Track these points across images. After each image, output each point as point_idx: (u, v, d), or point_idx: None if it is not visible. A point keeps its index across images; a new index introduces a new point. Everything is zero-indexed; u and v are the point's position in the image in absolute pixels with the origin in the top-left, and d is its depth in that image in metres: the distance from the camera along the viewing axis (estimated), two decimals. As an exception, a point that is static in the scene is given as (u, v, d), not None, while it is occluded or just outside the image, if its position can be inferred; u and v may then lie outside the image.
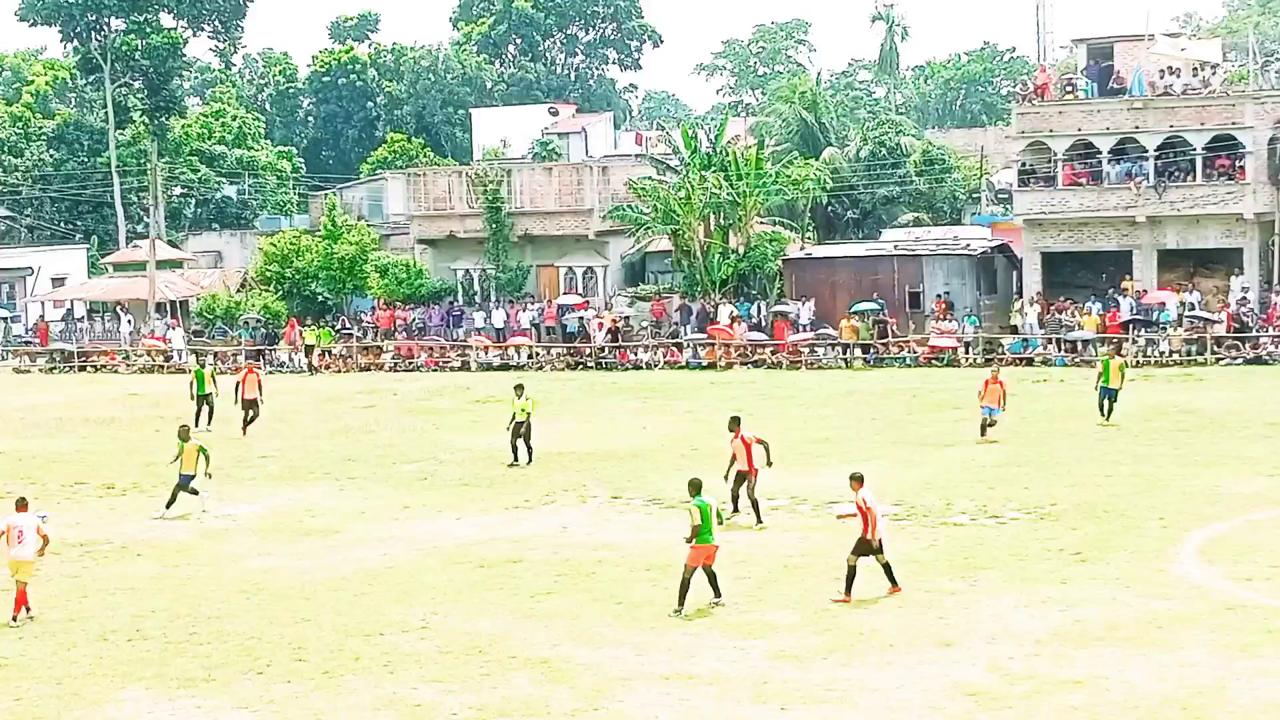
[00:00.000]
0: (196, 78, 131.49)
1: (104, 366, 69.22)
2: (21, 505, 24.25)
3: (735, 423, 30.28)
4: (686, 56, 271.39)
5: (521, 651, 21.11)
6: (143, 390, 58.59)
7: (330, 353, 66.95)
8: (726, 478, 29.69)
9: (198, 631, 22.68)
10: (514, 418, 37.74)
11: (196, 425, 45.82)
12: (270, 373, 65.32)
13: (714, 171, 66.85)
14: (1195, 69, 63.44)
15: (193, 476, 32.50)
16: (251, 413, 44.96)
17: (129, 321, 74.27)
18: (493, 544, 28.20)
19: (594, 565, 26.17)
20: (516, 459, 37.42)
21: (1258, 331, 56.05)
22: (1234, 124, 59.66)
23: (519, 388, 38.51)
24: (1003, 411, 38.87)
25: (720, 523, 24.09)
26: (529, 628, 22.28)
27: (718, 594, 23.26)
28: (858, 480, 23.64)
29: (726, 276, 66.31)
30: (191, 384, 47.23)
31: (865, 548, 23.24)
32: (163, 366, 68.17)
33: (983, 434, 38.59)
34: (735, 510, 29.33)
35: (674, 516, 30.31)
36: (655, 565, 25.86)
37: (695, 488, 23.72)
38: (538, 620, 22.70)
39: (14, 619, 23.42)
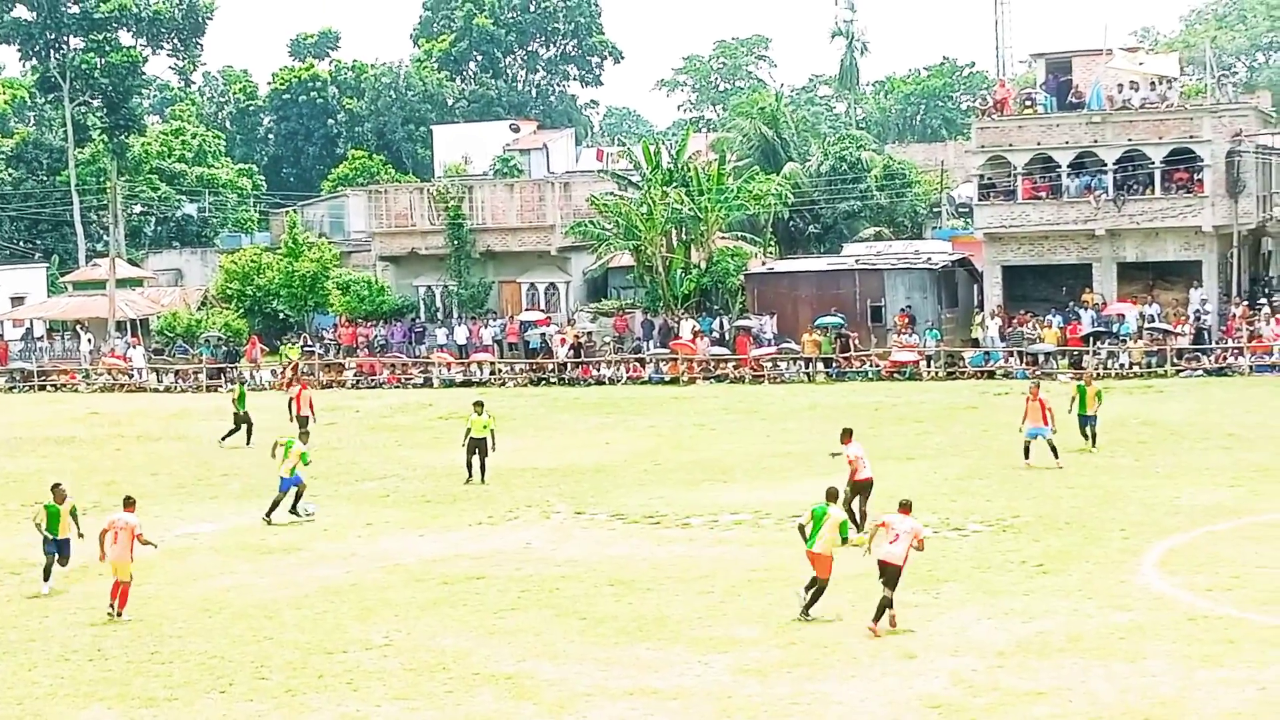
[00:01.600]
0: (156, 96, 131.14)
1: (64, 385, 68.84)
2: (129, 505, 25.30)
3: (848, 434, 30.10)
4: (647, 72, 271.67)
5: (485, 668, 21.07)
6: (103, 409, 58.30)
7: (282, 371, 66.73)
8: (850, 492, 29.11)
9: (159, 651, 22.57)
10: (469, 433, 37.65)
11: (224, 440, 45.84)
12: (230, 391, 65.19)
13: (675, 187, 66.89)
14: (1153, 83, 63.78)
15: (292, 480, 33.37)
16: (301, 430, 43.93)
17: (89, 340, 73.90)
18: (456, 560, 28.15)
19: (557, 581, 26.14)
20: (471, 476, 37.34)
21: (1217, 343, 56.32)
22: (1192, 137, 60.01)
23: (478, 404, 38.42)
24: (1053, 431, 36.14)
25: (844, 538, 23.62)
26: (492, 644, 22.24)
27: (805, 610, 23.01)
28: (905, 507, 23.15)
29: (688, 291, 66.35)
30: (235, 400, 47.26)
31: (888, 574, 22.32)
32: (123, 385, 67.82)
33: (1026, 457, 36.08)
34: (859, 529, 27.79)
35: (638, 532, 30.36)
36: (619, 581, 25.86)
37: (829, 496, 24.05)
38: (501, 637, 22.66)
39: (114, 611, 24.52)
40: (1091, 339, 57.89)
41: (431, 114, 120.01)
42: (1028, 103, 64.52)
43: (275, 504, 33.19)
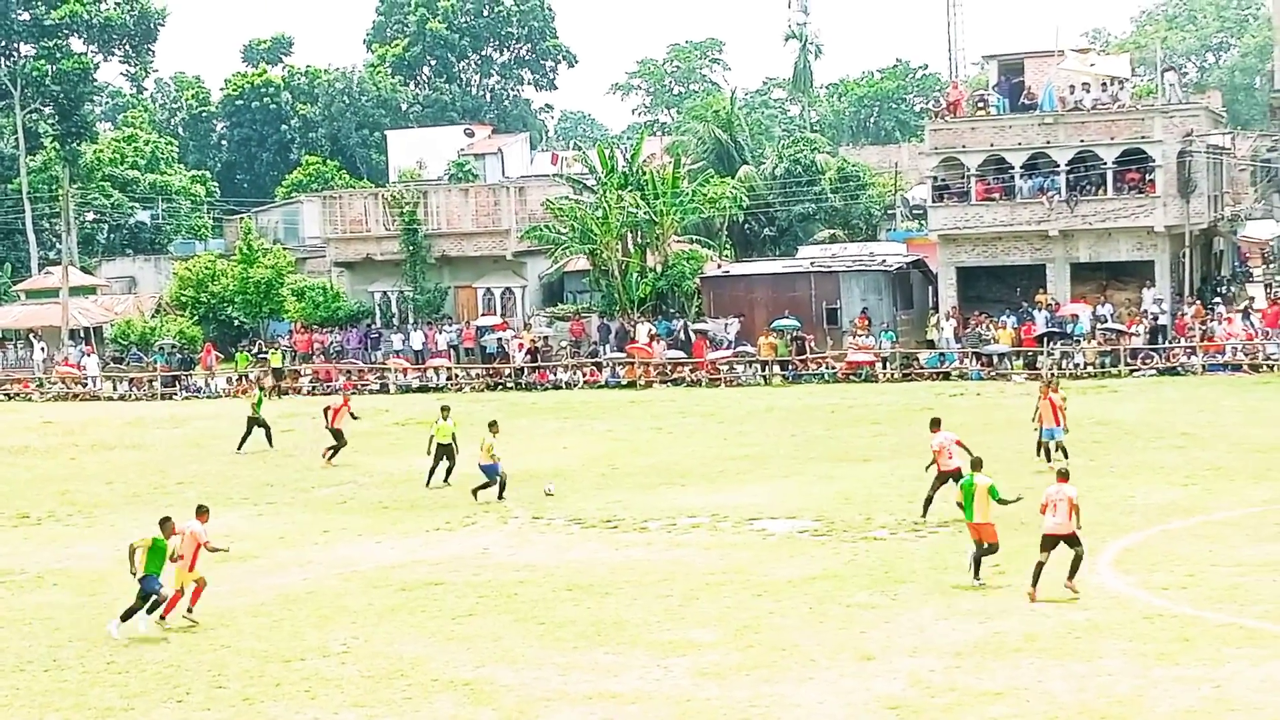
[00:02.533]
0: (108, 103, 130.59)
1: (17, 394, 68.44)
2: (201, 514, 25.10)
3: (936, 424, 30.94)
4: (602, 76, 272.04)
5: (444, 674, 21.04)
6: (57, 418, 58.00)
7: (247, 377, 66.50)
8: (928, 474, 30.43)
9: (115, 660, 22.46)
10: (433, 439, 37.65)
11: (239, 448, 45.54)
12: (186, 398, 65.00)
13: (630, 191, 66.89)
14: (1105, 84, 64.10)
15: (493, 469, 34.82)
16: (340, 441, 43.16)
17: (42, 349, 73.49)
18: (413, 566, 28.11)
19: (516, 586, 26.11)
20: (431, 481, 37.33)
21: (1170, 343, 56.65)
22: (1143, 138, 60.35)
23: (444, 409, 38.46)
24: (1065, 431, 35.84)
25: (1000, 500, 24.99)
26: (451, 650, 22.21)
27: (976, 575, 24.57)
28: (1063, 475, 24.44)
29: (644, 295, 66.36)
30: (253, 405, 46.91)
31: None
32: (77, 394, 67.46)
33: (1038, 454, 35.75)
34: (924, 516, 29.89)
35: (596, 537, 30.36)
36: (577, 585, 25.85)
37: (974, 466, 25.27)
38: (460, 642, 22.63)
39: (189, 610, 24.43)
40: (1045, 339, 58.16)
41: (385, 119, 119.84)
42: (980, 104, 64.79)
43: (487, 487, 35.02)
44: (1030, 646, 20.99)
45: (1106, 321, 58.59)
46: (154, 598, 23.70)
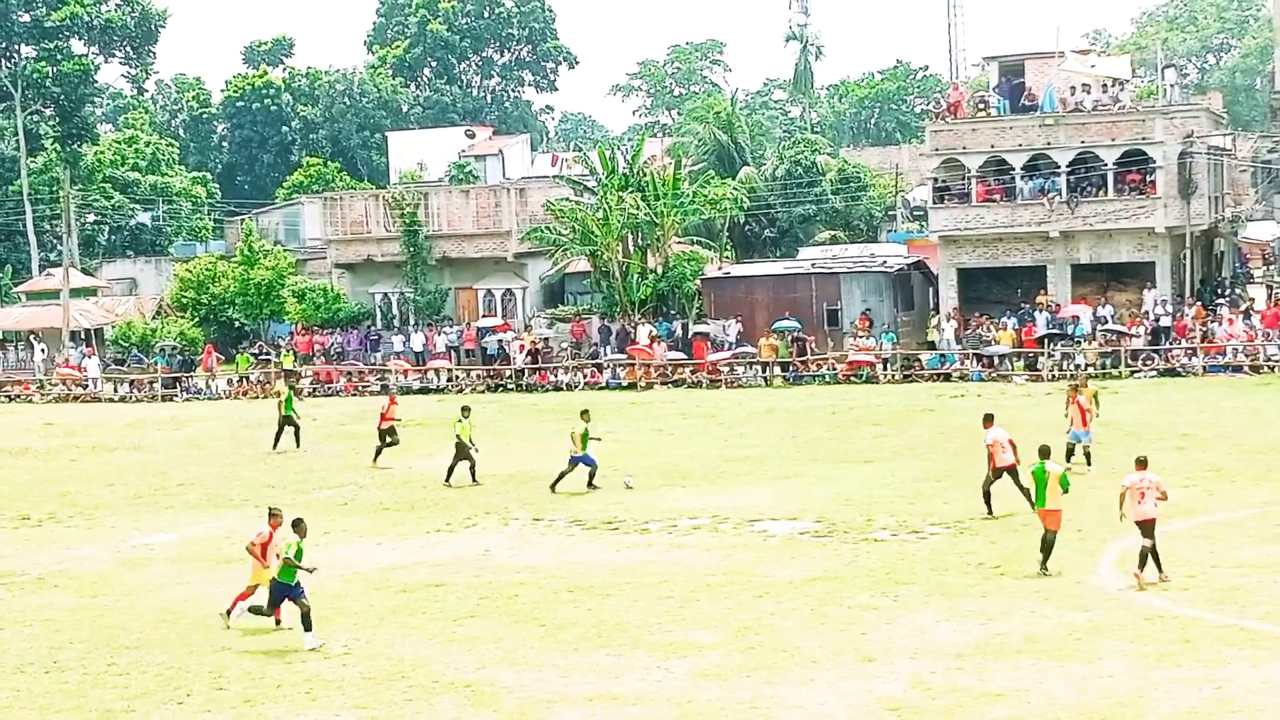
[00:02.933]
0: (109, 104, 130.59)
1: (18, 396, 68.43)
2: (273, 519, 24.57)
3: (989, 420, 31.34)
4: (602, 78, 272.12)
5: (445, 676, 21.04)
6: (58, 420, 58.01)
7: (247, 379, 66.54)
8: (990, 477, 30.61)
9: (116, 662, 22.47)
10: (458, 438, 37.82)
11: (275, 446, 45.46)
12: (187, 400, 65.02)
13: (631, 192, 66.88)
14: (1105, 85, 64.14)
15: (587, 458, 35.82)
16: (389, 440, 42.73)
17: (43, 350, 73.49)
18: (414, 568, 28.11)
19: (516, 588, 26.12)
20: (450, 478, 37.55)
21: (1171, 344, 56.64)
22: (1144, 139, 60.38)
23: (465, 409, 38.64)
24: (1089, 435, 35.54)
25: (1065, 489, 25.43)
26: (452, 651, 22.21)
27: (1043, 565, 25.02)
28: (1141, 463, 24.92)
29: (645, 296, 66.36)
30: (280, 404, 46.85)
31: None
32: (78, 395, 67.47)
33: (1067, 458, 34.70)
34: (990, 512, 30.07)
35: (596, 538, 30.36)
36: (578, 587, 25.85)
37: (1042, 454, 25.90)
38: (461, 644, 22.63)
39: (228, 611, 24.21)
40: (1046, 341, 58.15)
41: (386, 120, 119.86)
42: (981, 106, 64.84)
43: (561, 476, 35.80)
44: (1031, 648, 20.99)
45: (1107, 323, 58.59)
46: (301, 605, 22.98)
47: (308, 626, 22.66)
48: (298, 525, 23.41)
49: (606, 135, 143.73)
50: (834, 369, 59.78)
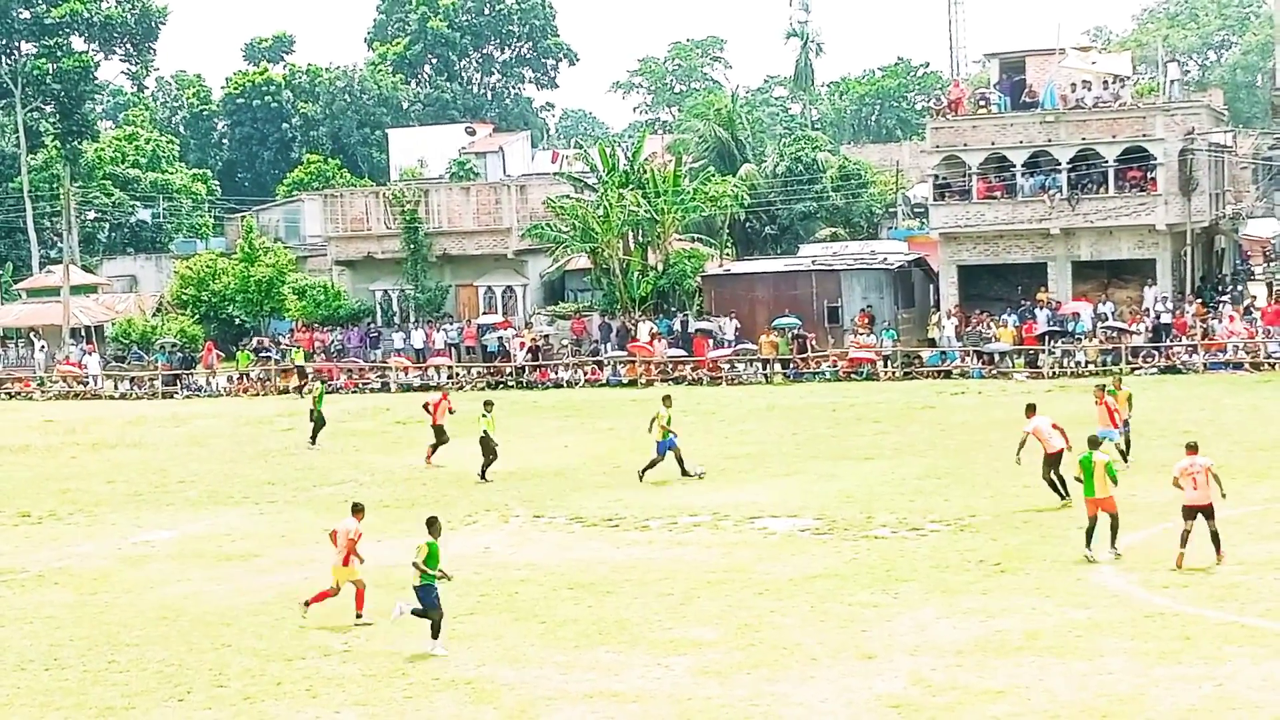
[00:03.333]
0: (109, 101, 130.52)
1: (18, 393, 68.43)
2: (356, 512, 24.41)
3: (1031, 409, 31.80)
4: (603, 75, 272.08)
5: (445, 673, 21.04)
6: (59, 417, 58.02)
7: (248, 376, 66.53)
8: (1018, 461, 31.07)
9: (116, 659, 22.47)
10: (484, 433, 37.91)
11: (313, 443, 45.36)
12: (187, 397, 65.03)
13: (632, 189, 66.91)
14: (1106, 82, 64.11)
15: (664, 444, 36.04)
16: (441, 438, 41.70)
17: (43, 347, 73.48)
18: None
19: (517, 585, 26.12)
20: (485, 474, 37.72)
21: (1171, 341, 56.59)
22: (1145, 136, 60.35)
23: (488, 404, 38.73)
24: (1118, 434, 34.86)
25: (1113, 479, 25.92)
26: (452, 648, 22.19)
27: (1112, 545, 25.73)
28: (1192, 448, 25.56)
29: (646, 294, 66.37)
30: (314, 401, 46.84)
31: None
32: (78, 393, 67.47)
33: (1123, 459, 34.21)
34: (1064, 496, 30.22)
35: (597, 535, 30.36)
36: (578, 584, 25.85)
37: (1091, 444, 26.49)
38: (461, 641, 22.62)
39: (358, 615, 23.85)
40: (1047, 338, 58.15)
41: (386, 117, 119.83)
42: (982, 103, 64.81)
43: (651, 464, 36.24)
44: (1032, 645, 20.99)
45: (1108, 320, 58.58)
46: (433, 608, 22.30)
47: (435, 634, 22.09)
48: (432, 525, 22.81)
49: (607, 132, 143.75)
50: (835, 366, 59.79)
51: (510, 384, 62.83)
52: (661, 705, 19.27)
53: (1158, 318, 57.41)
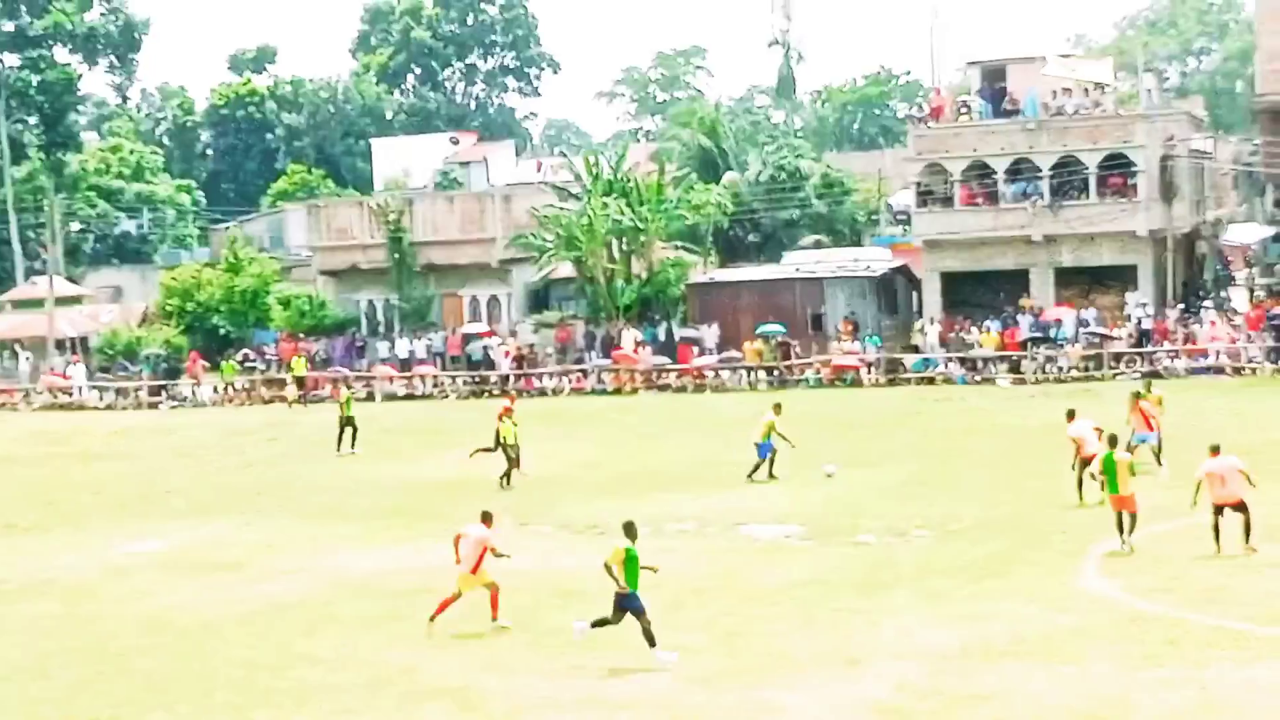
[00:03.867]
0: (93, 112, 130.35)
1: (4, 405, 68.30)
2: (485, 519, 24.29)
3: (1071, 414, 32.71)
4: (586, 83, 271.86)
5: (433, 681, 21.09)
6: (44, 428, 57.96)
7: (233, 386, 66.48)
8: (1073, 467, 31.47)
9: (104, 670, 22.49)
10: (503, 439, 37.94)
11: (339, 449, 45.40)
12: (173, 407, 64.96)
13: (616, 198, 66.92)
14: (1087, 89, 64.34)
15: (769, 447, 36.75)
16: (498, 446, 39.99)
17: (28, 359, 73.36)
18: (402, 574, 28.13)
19: (504, 593, 26.12)
20: (508, 481, 37.75)
21: (1153, 346, 56.76)
22: (1126, 143, 60.56)
23: (508, 411, 38.77)
24: (1154, 437, 35.22)
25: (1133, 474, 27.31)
26: (440, 657, 22.26)
27: (1123, 542, 26.61)
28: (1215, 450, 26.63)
29: (630, 302, 66.43)
30: (343, 405, 47.00)
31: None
32: (64, 404, 67.39)
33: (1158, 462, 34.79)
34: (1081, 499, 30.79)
35: (583, 543, 30.40)
36: (565, 592, 25.90)
37: (1111, 443, 27.67)
38: (449, 650, 22.68)
39: (494, 620, 23.61)
40: (1030, 344, 58.32)
41: (370, 127, 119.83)
42: (963, 110, 65.00)
43: (756, 468, 36.72)
44: (1017, 650, 21.09)
45: (1090, 326, 58.76)
46: (641, 616, 21.46)
47: (651, 643, 21.27)
48: (629, 530, 22.28)
49: (590, 141, 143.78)
50: (819, 373, 59.88)
51: (495, 393, 62.76)
52: (649, 712, 19.34)
53: (1139, 323, 57.58)
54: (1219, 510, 25.98)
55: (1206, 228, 70.10)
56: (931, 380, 57.97)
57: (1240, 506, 25.84)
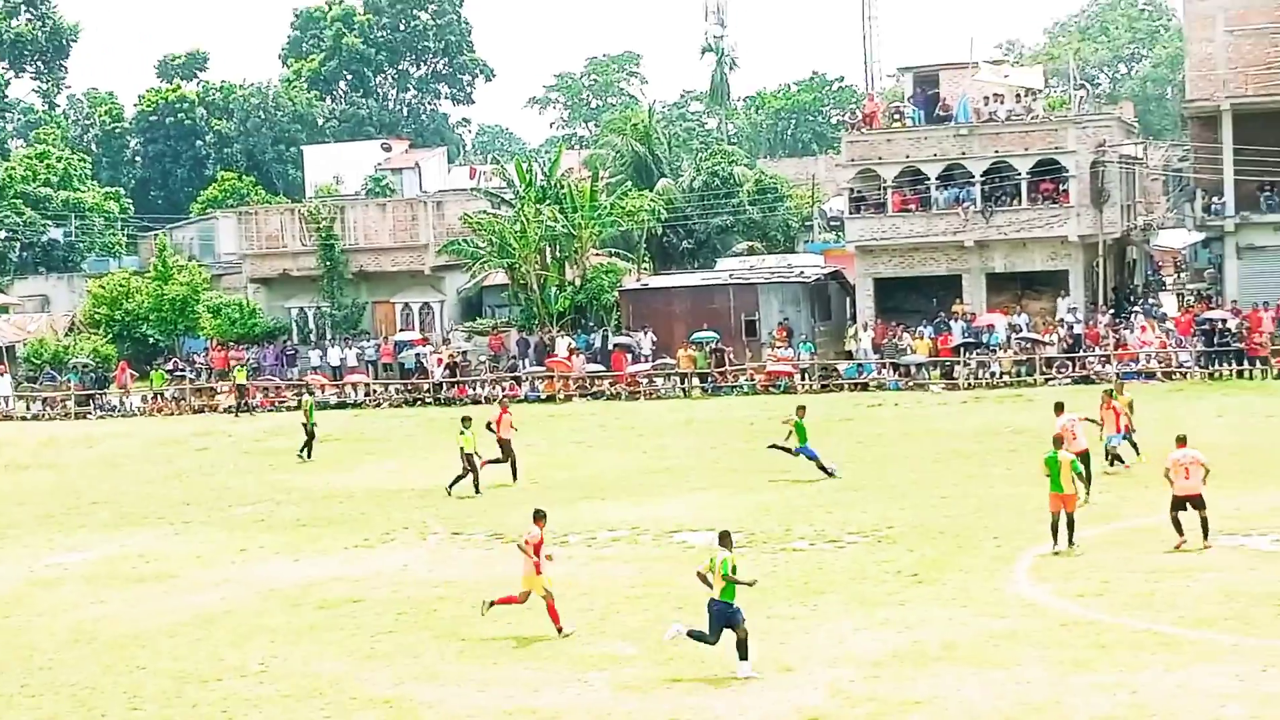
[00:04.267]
0: (19, 119, 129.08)
1: (-72, 415, 67.52)
2: (538, 519, 23.96)
3: (1059, 408, 33.15)
4: (519, 90, 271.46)
5: (363, 692, 20.90)
6: (-31, 438, 57.32)
7: (162, 395, 65.92)
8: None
9: (29, 683, 22.18)
10: (461, 448, 37.72)
11: (307, 455, 45.37)
12: (100, 417, 64.34)
13: (548, 204, 66.87)
14: (1018, 95, 64.72)
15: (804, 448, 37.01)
16: (506, 456, 39.91)
17: (-47, 369, 72.53)
18: (332, 584, 27.91)
19: (435, 602, 25.99)
20: (478, 491, 37.54)
21: (1085, 351, 57.06)
22: (1057, 149, 60.94)
23: (465, 420, 38.45)
24: (1119, 439, 35.82)
25: (1082, 478, 28.26)
26: (371, 667, 22.07)
27: (1069, 541, 26.92)
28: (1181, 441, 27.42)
29: (564, 309, 66.34)
30: (305, 413, 46.63)
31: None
32: (-10, 413, 66.66)
33: (1110, 463, 35.48)
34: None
35: (516, 552, 30.13)
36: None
37: (1056, 443, 27.85)
38: (379, 660, 22.49)
39: (559, 631, 23.25)
40: (962, 349, 58.53)
41: (302, 134, 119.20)
42: (896, 116, 65.28)
43: (819, 465, 36.76)
44: (949, 655, 21.08)
45: (1022, 331, 59.03)
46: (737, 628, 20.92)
47: (743, 655, 20.77)
48: (724, 539, 21.70)
49: (523, 148, 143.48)
50: (752, 379, 59.92)
51: (428, 401, 62.56)
52: (581, 721, 19.23)
53: (1071, 328, 57.88)
54: (1179, 504, 26.68)
55: (1137, 233, 70.60)
56: (865, 386, 58.09)
57: (1199, 503, 26.54)
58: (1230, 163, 59.07)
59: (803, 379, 59.42)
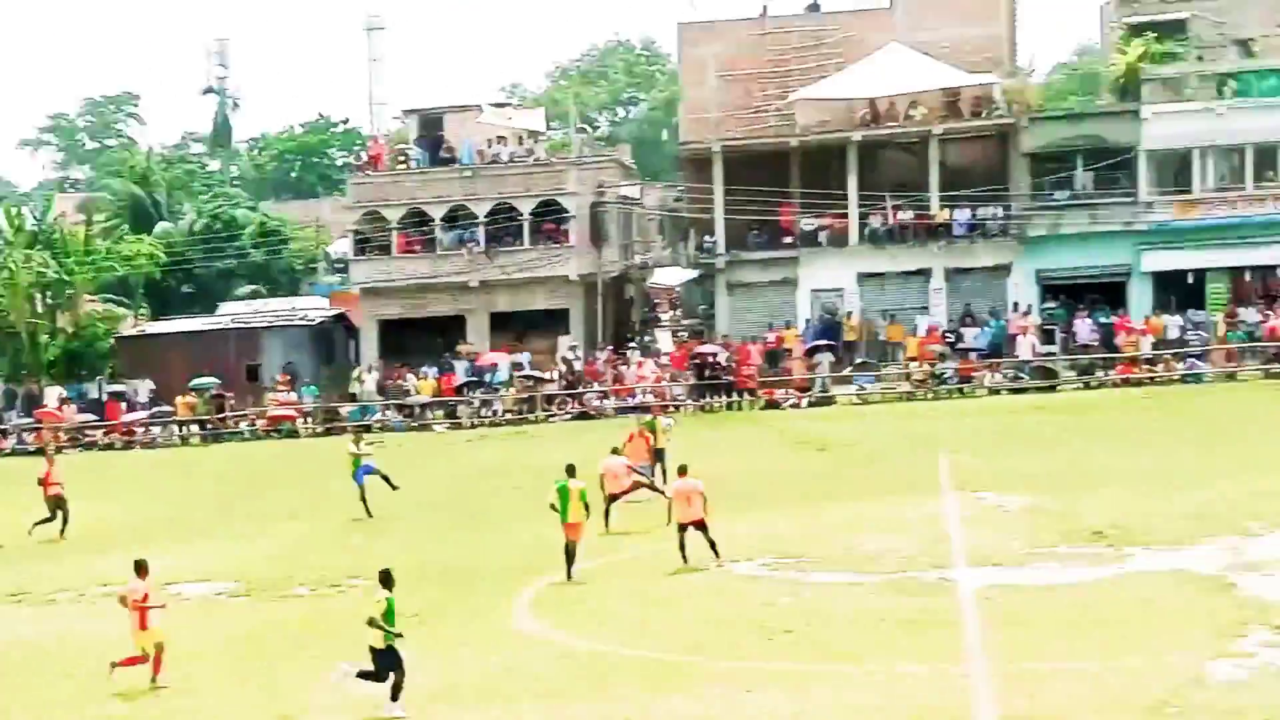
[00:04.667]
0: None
1: None
2: (140, 570, 22.57)
3: (617, 451, 33.90)
4: (10, 131, 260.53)
5: None
6: None
7: None
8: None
9: None
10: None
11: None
12: None
13: (40, 250, 64.55)
14: (521, 138, 65.81)
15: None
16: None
17: None
18: None
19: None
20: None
21: (584, 388, 58.19)
22: (558, 190, 62.21)
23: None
24: (648, 468, 35.96)
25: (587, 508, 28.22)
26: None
27: (568, 575, 27.64)
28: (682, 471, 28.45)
29: (55, 358, 63.96)
30: None
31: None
32: None
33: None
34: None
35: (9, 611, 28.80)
36: (-23, 665, 24.40)
37: (569, 472, 28.42)
38: None
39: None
40: (466, 389, 58.93)
41: None
42: (401, 158, 65.47)
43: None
44: (449, 694, 21.01)
45: (524, 369, 59.82)
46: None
47: (395, 696, 20.32)
48: (386, 580, 21.16)
49: (14, 191, 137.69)
50: (254, 425, 58.91)
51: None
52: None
53: (571, 366, 58.97)
54: (684, 528, 27.85)
55: (635, 271, 72.59)
56: (369, 428, 57.70)
57: (701, 526, 27.70)
58: (721, 203, 61.32)
59: (306, 422, 58.73)
